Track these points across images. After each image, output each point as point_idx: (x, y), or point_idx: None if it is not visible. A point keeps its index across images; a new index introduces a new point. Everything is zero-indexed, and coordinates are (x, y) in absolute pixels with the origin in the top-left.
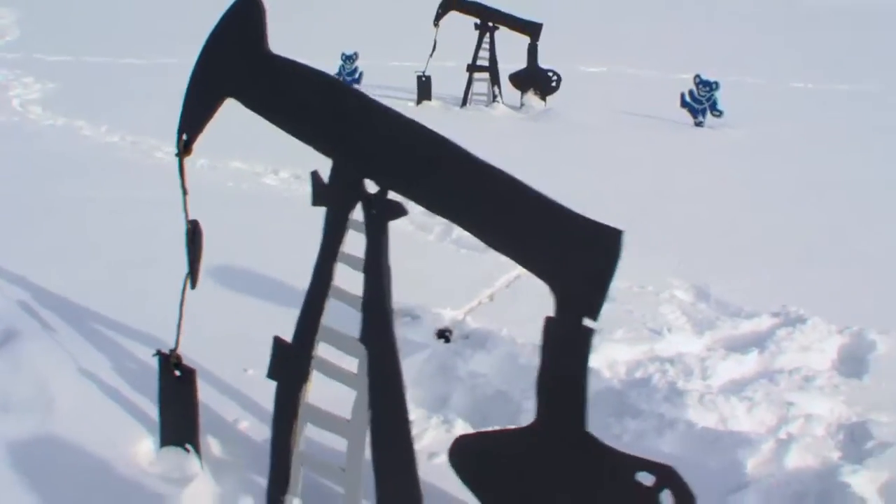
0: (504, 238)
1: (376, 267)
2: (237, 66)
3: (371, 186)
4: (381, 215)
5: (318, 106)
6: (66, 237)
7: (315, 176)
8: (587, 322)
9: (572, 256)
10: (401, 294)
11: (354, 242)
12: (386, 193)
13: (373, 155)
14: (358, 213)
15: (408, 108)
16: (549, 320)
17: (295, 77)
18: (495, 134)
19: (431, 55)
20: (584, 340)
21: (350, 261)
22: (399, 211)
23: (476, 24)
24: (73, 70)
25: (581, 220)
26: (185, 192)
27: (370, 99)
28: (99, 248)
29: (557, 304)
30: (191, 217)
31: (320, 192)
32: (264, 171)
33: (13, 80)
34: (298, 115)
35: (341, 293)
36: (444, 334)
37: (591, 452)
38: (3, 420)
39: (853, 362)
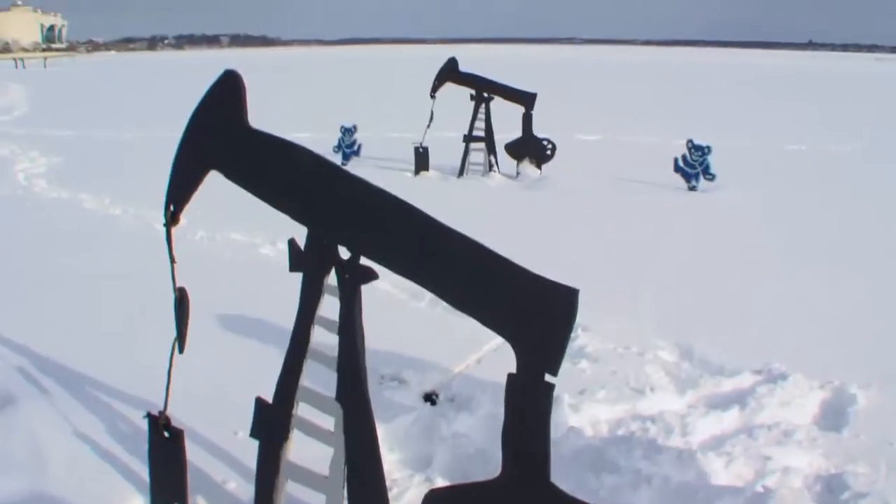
0: (466, 298)
1: (350, 329)
2: (218, 140)
3: (344, 252)
4: (353, 279)
5: (292, 176)
6: (66, 307)
7: (292, 243)
8: (548, 377)
9: (531, 315)
10: (390, 359)
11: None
12: (358, 259)
13: (344, 222)
14: (332, 279)
15: (406, 178)
16: (511, 376)
17: (271, 149)
18: (492, 202)
19: (428, 126)
20: (544, 395)
21: (326, 323)
22: (370, 275)
23: (472, 95)
24: (78, 144)
25: (539, 280)
26: (172, 261)
27: (341, 169)
28: (96, 317)
29: (518, 361)
30: (180, 285)
31: (297, 259)
32: (262, 242)
33: (20, 155)
34: (274, 185)
35: (318, 354)
36: (430, 397)
37: (555, 503)
38: None
39: (833, 416)
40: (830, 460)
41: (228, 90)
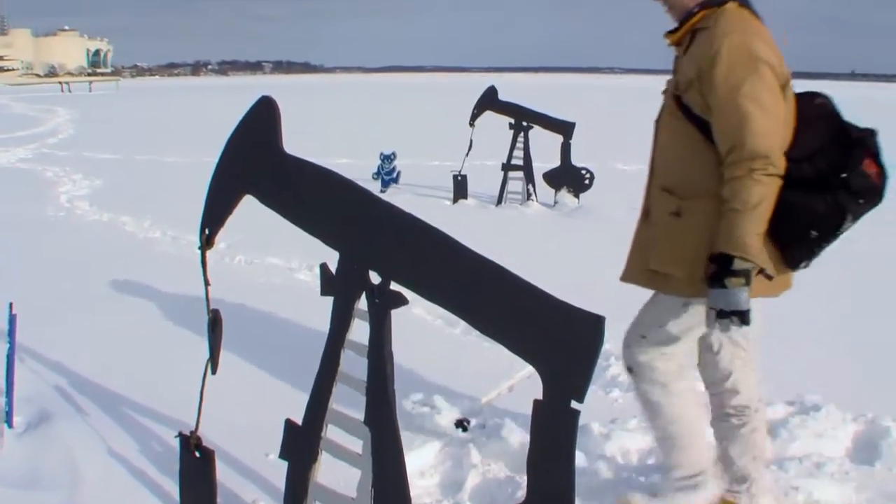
0: (494, 324)
1: (379, 353)
2: (253, 164)
3: (375, 277)
4: (383, 304)
5: (324, 202)
6: (104, 327)
7: (324, 268)
8: (574, 404)
9: (557, 342)
10: (422, 384)
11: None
12: (388, 284)
13: (375, 247)
14: (363, 303)
15: (444, 206)
16: (537, 402)
17: (304, 174)
18: (529, 231)
19: (467, 154)
20: (570, 422)
21: (356, 347)
22: (400, 300)
23: (511, 124)
24: (121, 167)
25: (566, 307)
26: (207, 284)
27: (373, 195)
28: (133, 336)
29: (545, 387)
30: (214, 307)
31: (328, 283)
32: (299, 267)
33: (63, 177)
34: (307, 210)
35: (348, 378)
36: (462, 424)
37: None
38: (31, 494)
39: (866, 449)
40: (863, 493)
41: (264, 116)
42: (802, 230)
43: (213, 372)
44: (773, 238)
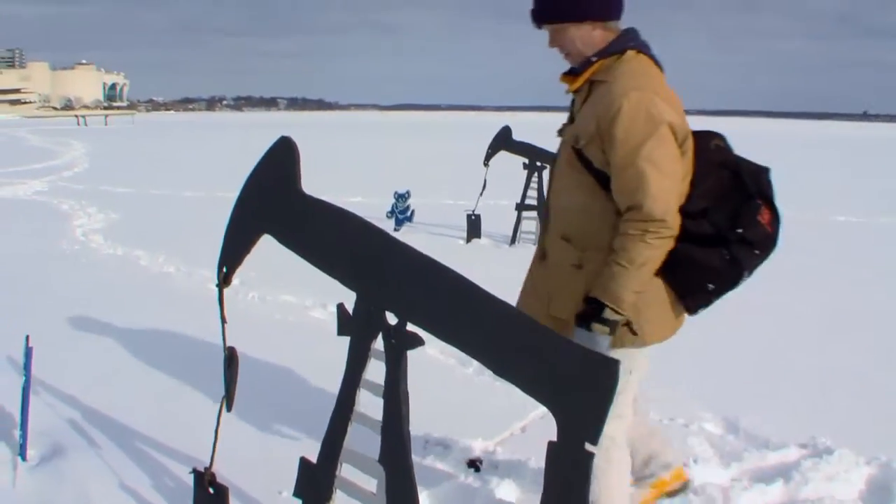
0: (508, 366)
1: (394, 393)
2: (272, 204)
3: (391, 317)
4: (399, 345)
5: (342, 243)
6: (117, 360)
7: (341, 308)
8: (588, 446)
9: (571, 384)
10: (436, 423)
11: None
12: (404, 325)
13: (392, 289)
14: (379, 343)
15: (458, 245)
16: (551, 444)
17: (322, 215)
18: None
19: (481, 194)
20: (584, 463)
21: (371, 387)
22: (416, 341)
23: (524, 164)
24: (136, 201)
25: (579, 350)
26: (223, 321)
27: (390, 236)
28: (146, 372)
29: (559, 429)
30: (229, 344)
31: (345, 323)
32: (313, 305)
33: (78, 210)
34: (324, 250)
35: (363, 417)
36: (474, 464)
37: None
38: None
39: (880, 492)
40: None
41: (283, 156)
42: (699, 283)
43: (229, 409)
44: (671, 287)
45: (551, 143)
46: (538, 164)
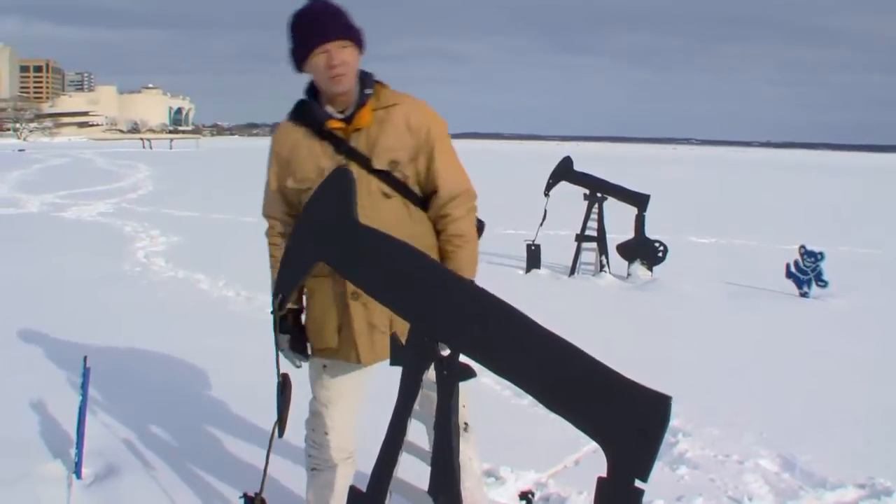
0: (560, 400)
1: (445, 424)
2: (328, 233)
3: (444, 348)
4: (451, 376)
5: (395, 273)
6: (173, 382)
7: (394, 338)
8: (638, 483)
9: (623, 420)
10: (488, 454)
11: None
12: (457, 356)
13: (446, 321)
14: (432, 374)
15: (517, 275)
16: (601, 479)
17: (376, 245)
18: (601, 303)
19: (542, 224)
20: (633, 500)
21: (423, 418)
22: (468, 373)
23: (585, 195)
24: (198, 225)
25: (632, 385)
26: (278, 347)
27: (445, 268)
28: (202, 394)
29: (609, 465)
30: (284, 371)
31: (398, 353)
32: None
33: (141, 233)
34: (379, 280)
35: (413, 447)
36: (526, 496)
37: None
38: None
39: None
40: None
41: (339, 186)
42: None
43: (281, 435)
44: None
45: (612, 174)
46: (598, 195)
